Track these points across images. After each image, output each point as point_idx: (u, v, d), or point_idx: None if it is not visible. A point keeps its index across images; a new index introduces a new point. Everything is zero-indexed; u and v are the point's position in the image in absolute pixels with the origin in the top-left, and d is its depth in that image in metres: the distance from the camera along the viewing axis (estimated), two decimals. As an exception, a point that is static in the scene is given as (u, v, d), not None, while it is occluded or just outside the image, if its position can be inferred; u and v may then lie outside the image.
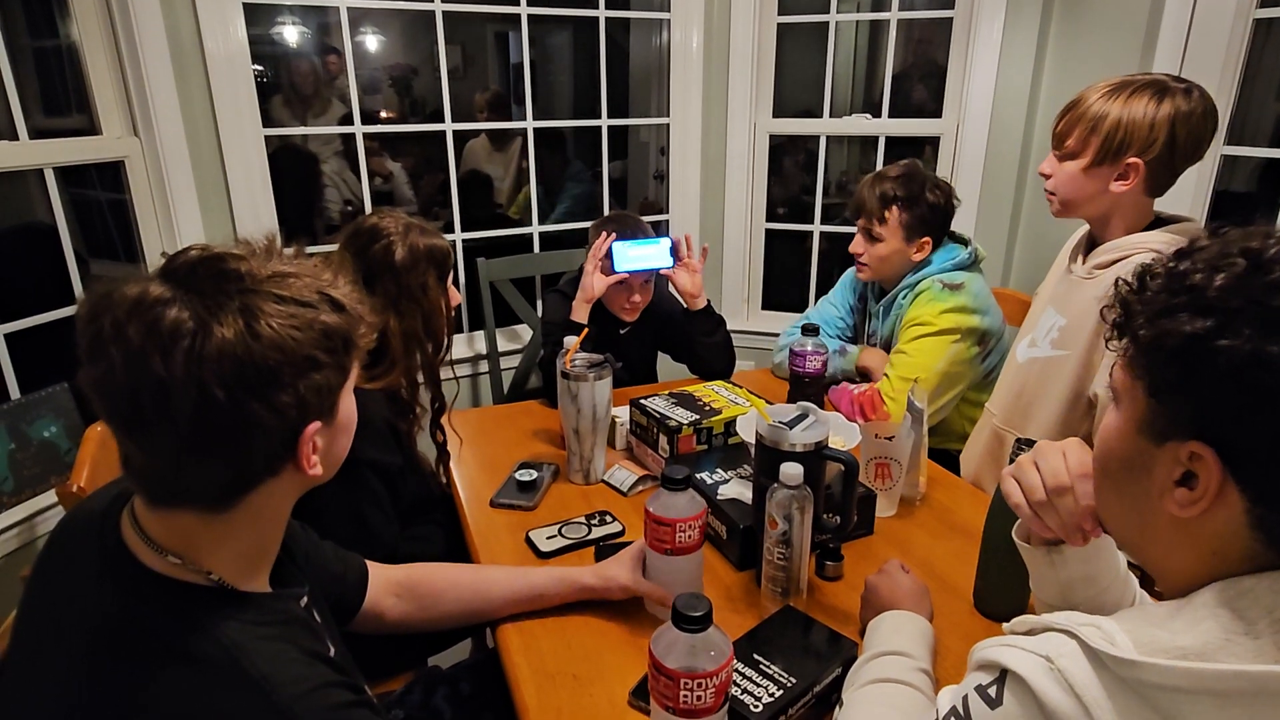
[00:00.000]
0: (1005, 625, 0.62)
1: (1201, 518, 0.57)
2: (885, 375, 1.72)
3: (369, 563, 1.08)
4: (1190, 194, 2.11)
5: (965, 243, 1.81)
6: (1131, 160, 1.26)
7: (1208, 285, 0.54)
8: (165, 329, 0.60)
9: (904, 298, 1.78)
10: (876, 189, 1.75)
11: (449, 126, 2.47)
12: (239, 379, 0.61)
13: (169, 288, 0.62)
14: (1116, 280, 0.62)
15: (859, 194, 1.80)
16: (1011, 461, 1.04)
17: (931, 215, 1.74)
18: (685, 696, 0.78)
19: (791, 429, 1.11)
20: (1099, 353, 1.29)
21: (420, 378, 1.39)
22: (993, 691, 0.58)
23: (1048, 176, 1.39)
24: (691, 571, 1.07)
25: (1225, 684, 0.49)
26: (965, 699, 0.60)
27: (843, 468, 1.09)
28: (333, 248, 1.40)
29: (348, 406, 0.74)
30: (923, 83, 2.83)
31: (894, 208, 1.73)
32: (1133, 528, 0.64)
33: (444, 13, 2.35)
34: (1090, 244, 1.40)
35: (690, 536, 1.02)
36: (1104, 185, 1.30)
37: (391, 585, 1.09)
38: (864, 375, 1.84)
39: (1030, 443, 1.02)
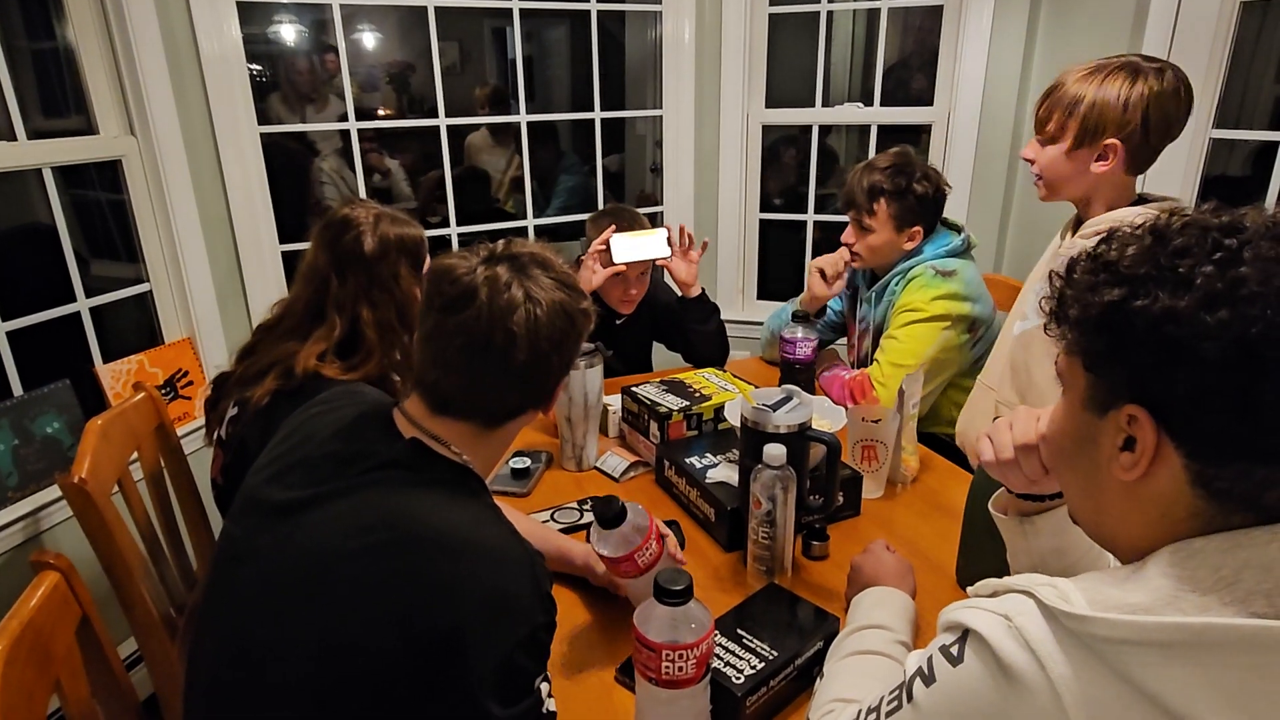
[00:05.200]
0: (969, 589, 0.64)
1: (1146, 480, 0.59)
2: (876, 360, 1.73)
3: None
4: (1179, 178, 2.12)
5: (958, 229, 1.82)
6: (1109, 141, 1.28)
7: (1120, 259, 0.59)
8: (514, 299, 0.82)
9: (896, 284, 1.79)
10: (865, 181, 1.76)
11: (443, 121, 2.49)
12: (551, 337, 0.84)
13: (507, 269, 0.84)
14: (1050, 273, 0.66)
15: (848, 185, 1.81)
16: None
17: (920, 205, 1.74)
18: (667, 668, 0.80)
19: (775, 411, 1.13)
20: None
21: (400, 369, 1.39)
22: (955, 650, 0.60)
23: (1031, 161, 1.40)
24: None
25: (1168, 635, 0.51)
26: (930, 659, 0.63)
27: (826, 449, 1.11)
28: None
29: None
30: (921, 71, 2.83)
31: (882, 200, 1.74)
32: (1089, 503, 0.67)
33: (436, 8, 2.37)
34: (1078, 224, 1.42)
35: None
36: (1085, 167, 1.32)
37: None
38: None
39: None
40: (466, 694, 0.71)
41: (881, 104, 2.68)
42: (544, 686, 0.77)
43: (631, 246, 1.82)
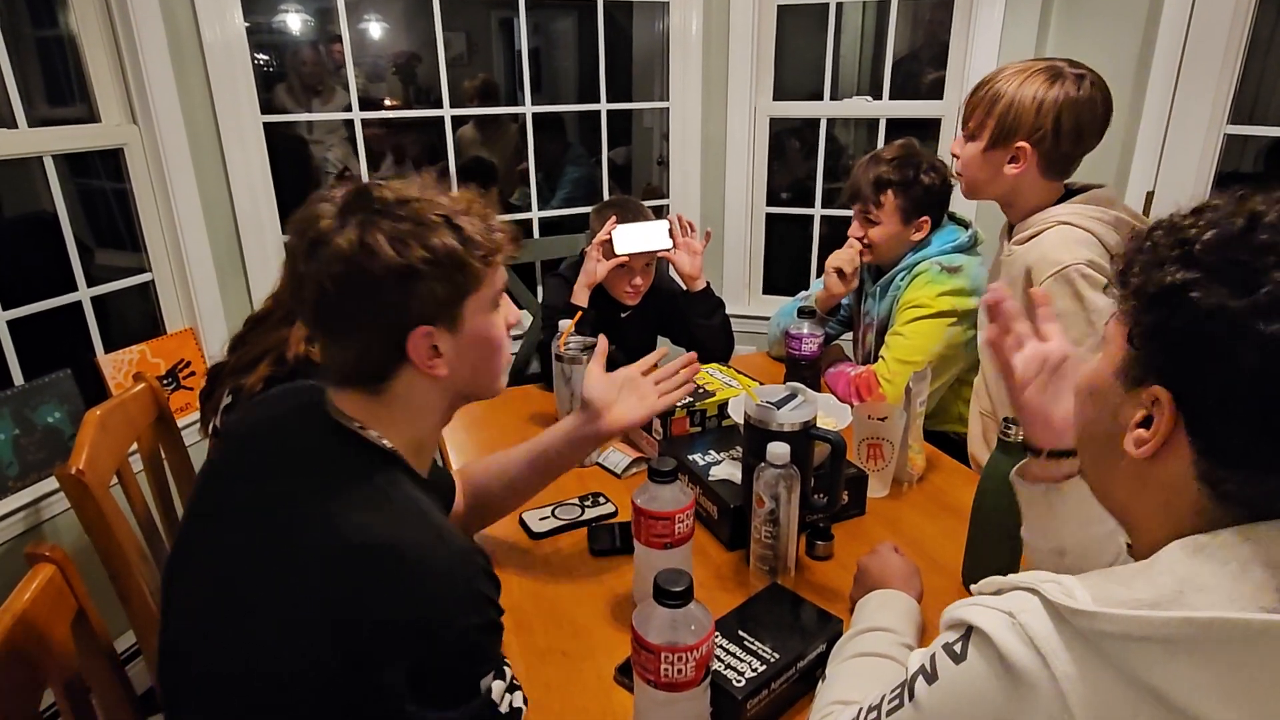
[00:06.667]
0: (973, 586, 0.63)
1: (1154, 463, 0.59)
2: (881, 357, 1.72)
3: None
4: (1193, 174, 2.09)
5: (966, 225, 1.80)
6: (1020, 144, 1.26)
7: (1197, 240, 0.55)
8: (309, 238, 0.77)
9: (902, 279, 1.77)
10: (871, 173, 1.74)
11: (447, 112, 2.47)
12: (343, 279, 0.76)
13: (335, 208, 0.77)
14: (1133, 230, 0.63)
15: (854, 178, 1.79)
16: (1000, 440, 1.04)
17: (927, 196, 1.72)
18: (666, 670, 0.78)
19: (779, 409, 1.11)
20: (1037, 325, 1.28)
21: None
22: (958, 648, 0.59)
23: (956, 156, 1.39)
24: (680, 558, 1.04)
25: (1171, 630, 0.50)
26: (933, 657, 0.62)
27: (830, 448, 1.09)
28: None
29: (479, 324, 0.85)
30: (930, 65, 2.80)
31: (889, 191, 1.72)
32: (1101, 470, 0.67)
33: (441, -3, 2.35)
34: (1011, 226, 1.40)
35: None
36: (999, 168, 1.30)
37: (462, 487, 1.17)
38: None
39: (1016, 420, 1.02)
40: (394, 706, 0.69)
41: (890, 98, 2.65)
42: (497, 685, 0.75)
43: (634, 238, 1.80)
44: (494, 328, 0.87)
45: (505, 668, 0.77)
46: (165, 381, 2.07)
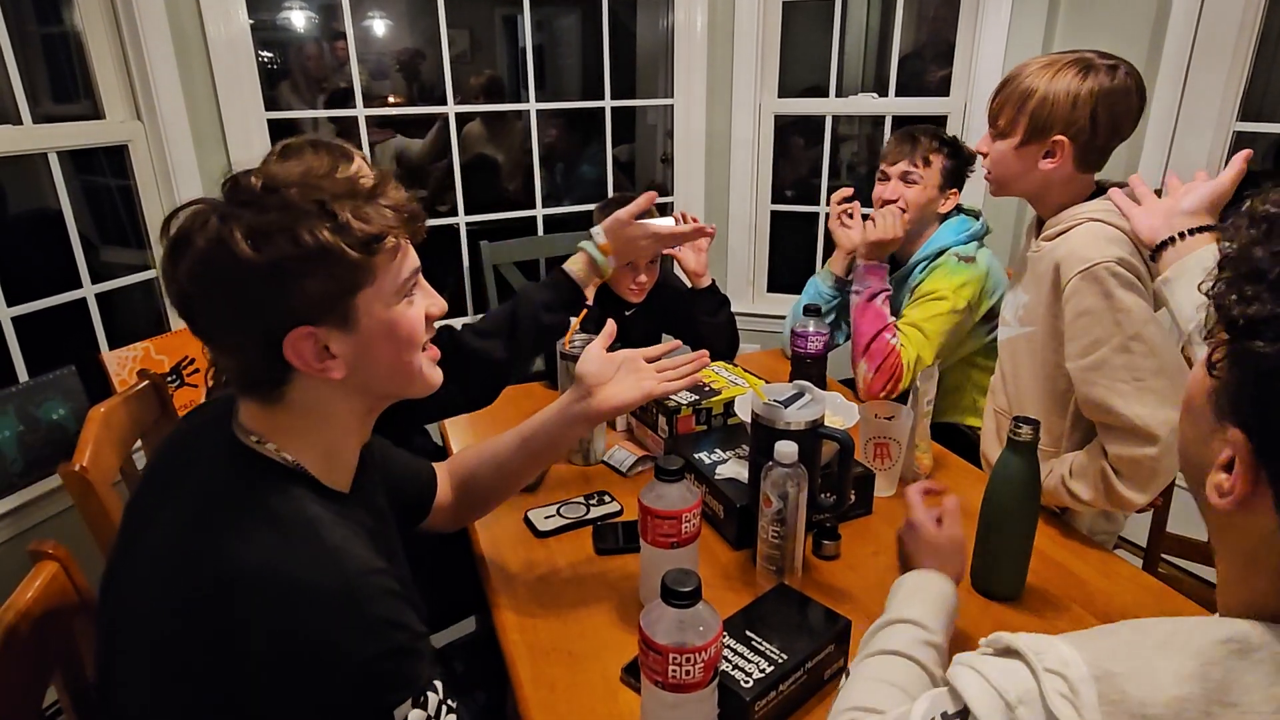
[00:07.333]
0: (982, 640, 0.60)
1: (1235, 515, 0.51)
2: (904, 346, 1.69)
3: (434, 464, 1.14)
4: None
5: (977, 215, 1.82)
6: (1056, 138, 1.24)
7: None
8: (171, 236, 0.70)
9: (920, 271, 1.77)
10: (920, 136, 1.77)
11: (451, 109, 2.47)
12: (203, 280, 0.69)
13: (214, 201, 0.71)
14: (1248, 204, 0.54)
15: (897, 143, 1.81)
16: (1010, 439, 1.03)
17: (964, 169, 1.79)
18: (674, 671, 0.78)
19: (787, 407, 1.10)
20: (1061, 322, 1.26)
21: None
22: None
23: (984, 154, 1.38)
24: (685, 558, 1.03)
25: None
26: None
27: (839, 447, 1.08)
28: None
29: (382, 319, 0.76)
30: (935, 62, 2.79)
31: (941, 154, 1.76)
32: (1197, 499, 0.59)
33: (445, -6, 2.34)
34: (1039, 224, 1.39)
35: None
36: (1033, 164, 1.28)
37: (449, 478, 1.14)
38: None
39: (1026, 420, 1.01)
40: None
41: (896, 94, 2.63)
42: (415, 714, 0.69)
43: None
44: (402, 321, 0.77)
45: (430, 693, 0.71)
46: (169, 379, 2.06)
